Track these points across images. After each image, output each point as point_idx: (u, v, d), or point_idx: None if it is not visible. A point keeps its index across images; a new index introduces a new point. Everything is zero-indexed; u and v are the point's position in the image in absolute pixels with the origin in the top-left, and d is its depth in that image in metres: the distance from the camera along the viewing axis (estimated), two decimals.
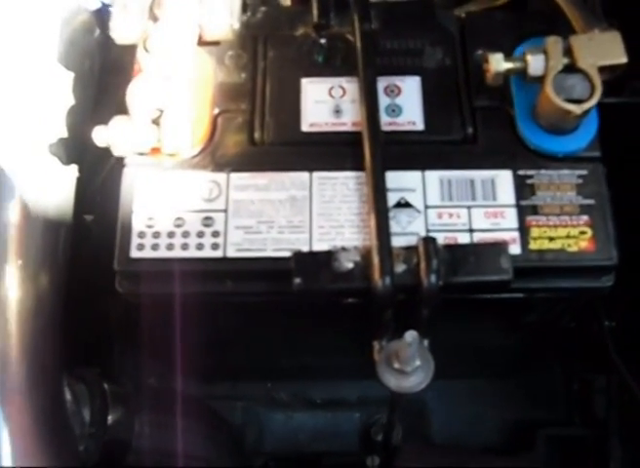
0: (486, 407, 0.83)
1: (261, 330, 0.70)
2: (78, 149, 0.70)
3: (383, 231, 0.59)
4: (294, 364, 0.80)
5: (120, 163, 0.64)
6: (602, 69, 0.62)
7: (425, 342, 0.63)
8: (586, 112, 0.61)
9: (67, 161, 0.70)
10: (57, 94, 0.72)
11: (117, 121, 0.61)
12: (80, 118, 0.73)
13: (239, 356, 0.77)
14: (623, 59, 0.61)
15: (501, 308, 0.67)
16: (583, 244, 0.61)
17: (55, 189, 0.69)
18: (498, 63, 0.62)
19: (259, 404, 0.85)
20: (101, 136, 0.61)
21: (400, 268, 0.59)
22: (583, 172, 0.63)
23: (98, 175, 0.71)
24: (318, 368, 0.81)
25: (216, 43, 0.67)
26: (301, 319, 0.67)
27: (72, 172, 0.71)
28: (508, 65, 0.62)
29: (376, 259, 0.58)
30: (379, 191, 0.61)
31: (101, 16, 0.78)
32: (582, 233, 0.62)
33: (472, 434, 0.82)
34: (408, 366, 0.61)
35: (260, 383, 0.85)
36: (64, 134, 0.70)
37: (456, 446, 0.80)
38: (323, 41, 0.68)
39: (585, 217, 0.62)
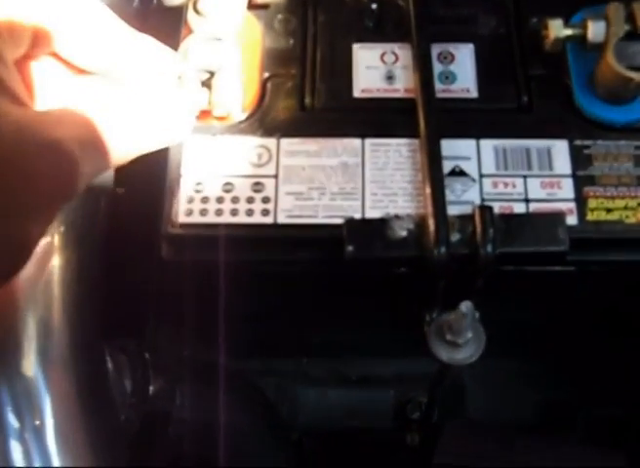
0: (525, 386, 0.81)
1: (303, 303, 0.69)
2: None
3: (439, 199, 0.58)
4: (330, 340, 0.79)
5: None
6: None
7: (477, 314, 0.61)
8: None
9: None
10: None
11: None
12: None
13: (276, 330, 0.76)
14: None
15: (553, 282, 0.65)
16: None
17: None
18: (558, 30, 0.61)
19: (292, 380, 0.84)
20: None
21: (455, 237, 0.58)
22: None
23: None
24: (354, 344, 0.80)
25: (265, 6, 0.65)
26: (347, 290, 0.66)
27: None
28: (568, 31, 0.61)
29: (431, 228, 0.57)
30: (434, 159, 0.59)
31: None
32: None
33: (511, 413, 0.80)
34: (460, 337, 0.59)
35: (295, 359, 0.83)
36: None
37: (497, 425, 0.79)
38: (374, 6, 0.66)
39: None
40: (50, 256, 0.62)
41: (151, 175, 0.63)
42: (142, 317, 0.68)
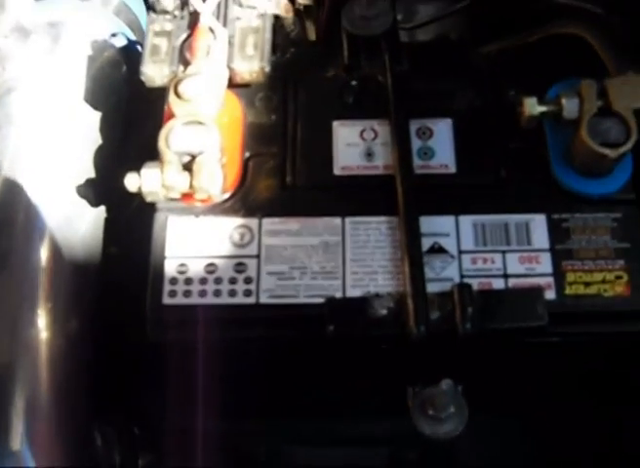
0: (515, 445, 0.81)
1: (290, 371, 0.70)
2: (106, 189, 0.70)
3: (418, 278, 0.59)
4: (321, 401, 0.79)
5: (146, 203, 0.63)
6: (637, 112, 0.61)
7: (460, 388, 0.62)
8: (622, 156, 0.60)
9: (96, 202, 0.70)
10: (84, 133, 0.72)
11: (148, 168, 0.60)
12: (107, 156, 0.72)
13: (265, 394, 0.77)
14: None
15: (535, 351, 0.66)
16: (619, 289, 0.61)
17: (83, 230, 0.69)
18: (532, 107, 0.61)
19: (284, 440, 0.84)
20: (133, 182, 0.61)
21: (435, 315, 0.59)
22: (618, 214, 0.63)
23: (123, 212, 0.71)
24: (346, 405, 0.80)
25: (246, 85, 0.66)
26: (333, 362, 0.67)
27: (100, 212, 0.71)
28: (542, 109, 0.62)
29: (410, 306, 0.58)
30: (412, 237, 0.60)
31: (128, 51, 0.78)
32: (618, 278, 0.61)
33: None
34: (442, 412, 0.60)
35: (286, 420, 0.84)
36: (92, 174, 0.70)
37: None
38: (354, 83, 0.67)
39: (621, 262, 0.61)
40: (37, 334, 0.63)
41: (136, 254, 0.64)
42: (131, 391, 0.68)
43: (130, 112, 0.77)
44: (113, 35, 0.78)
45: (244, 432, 0.78)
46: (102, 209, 0.71)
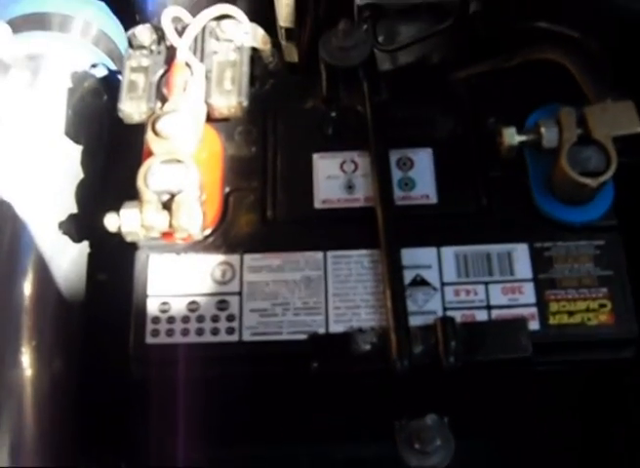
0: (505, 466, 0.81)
1: (275, 404, 0.69)
2: (88, 225, 0.69)
3: (400, 312, 0.59)
4: (312, 427, 0.79)
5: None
6: (617, 139, 0.61)
7: (445, 420, 0.62)
8: (603, 184, 0.60)
9: (78, 238, 0.70)
10: (65, 168, 0.72)
11: (127, 208, 0.60)
12: (89, 191, 0.72)
13: (255, 421, 0.76)
14: (638, 129, 0.61)
15: (522, 379, 0.66)
16: (603, 317, 0.60)
17: (65, 267, 0.69)
18: (511, 137, 0.61)
19: (279, 466, 0.84)
20: (113, 222, 0.60)
21: (418, 349, 0.58)
22: (601, 242, 0.62)
23: (105, 250, 0.70)
24: (338, 430, 0.80)
25: (225, 119, 0.66)
26: (319, 396, 0.66)
27: (83, 248, 0.71)
28: (522, 138, 0.62)
29: (393, 341, 0.58)
30: (393, 270, 0.60)
31: (109, 81, 0.78)
32: (602, 306, 0.61)
33: None
34: (428, 446, 0.60)
35: (279, 445, 0.83)
36: (74, 209, 0.70)
37: None
38: (333, 114, 0.67)
39: (604, 290, 0.61)
40: (21, 374, 0.63)
41: (119, 293, 0.64)
42: (118, 429, 0.68)
43: (113, 142, 0.77)
44: (93, 66, 0.77)
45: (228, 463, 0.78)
46: (85, 244, 0.71)
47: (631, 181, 0.65)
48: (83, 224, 0.70)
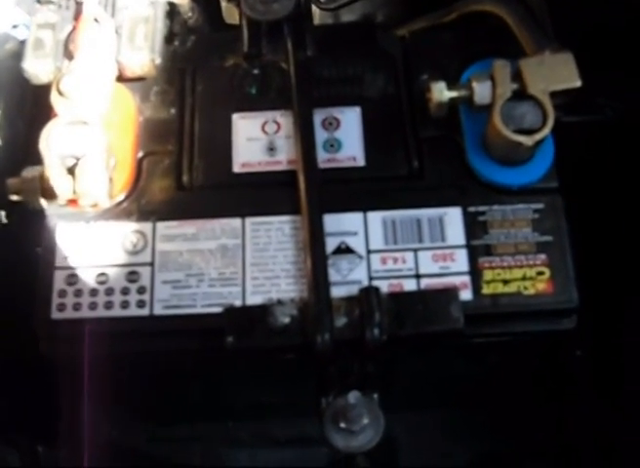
0: (457, 438, 0.78)
1: (204, 378, 0.66)
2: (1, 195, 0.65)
3: (321, 282, 0.55)
4: (249, 403, 0.76)
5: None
6: (554, 94, 0.56)
7: (375, 396, 0.58)
8: (539, 143, 0.56)
9: None
10: None
11: (28, 172, 0.56)
12: (8, 157, 0.68)
13: (189, 399, 0.73)
14: (577, 83, 0.56)
15: (460, 349, 0.62)
16: (541, 286, 0.56)
17: None
18: (440, 93, 0.57)
19: (219, 444, 0.81)
20: (14, 188, 0.57)
21: (341, 322, 0.54)
22: (540, 205, 0.58)
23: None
24: (277, 406, 0.77)
25: (140, 78, 0.62)
26: (241, 371, 0.63)
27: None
28: (452, 94, 0.57)
29: (313, 313, 0.54)
30: (315, 238, 0.56)
31: None
32: (540, 274, 0.57)
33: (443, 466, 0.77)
34: (355, 425, 0.56)
35: (219, 423, 0.80)
36: None
37: None
38: (255, 71, 0.63)
39: (543, 256, 0.57)
40: None
41: (26, 265, 0.60)
42: (34, 410, 0.64)
43: (36, 107, 0.72)
44: (14, 26, 0.73)
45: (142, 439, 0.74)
46: (1, 214, 0.67)
47: (575, 140, 0.61)
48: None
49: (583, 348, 0.71)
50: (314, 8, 0.77)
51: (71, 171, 0.56)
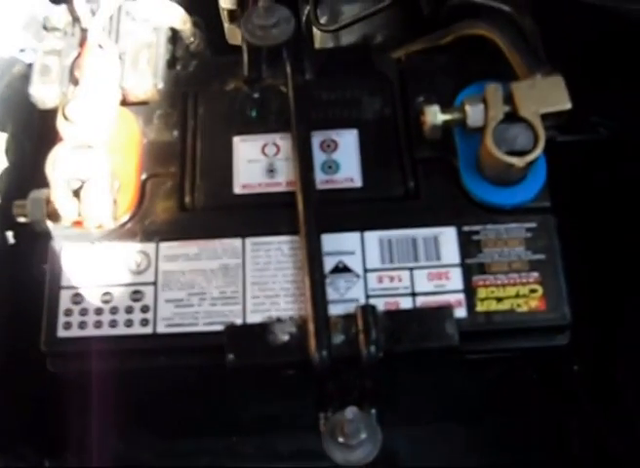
0: (458, 452, 0.79)
1: (209, 393, 0.67)
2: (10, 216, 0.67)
3: (319, 300, 0.56)
4: (253, 418, 0.77)
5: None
6: (546, 116, 0.58)
7: (373, 411, 0.59)
8: (531, 164, 0.57)
9: (2, 229, 0.67)
10: None
11: (34, 195, 0.58)
12: (15, 179, 0.70)
13: (194, 414, 0.74)
14: (567, 106, 0.58)
15: (457, 366, 0.63)
16: (534, 303, 0.58)
17: None
18: (434, 116, 0.59)
19: (224, 458, 0.82)
20: (21, 210, 0.58)
21: (338, 339, 0.56)
22: (532, 224, 0.60)
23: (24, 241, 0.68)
24: (280, 420, 0.78)
25: (143, 102, 0.64)
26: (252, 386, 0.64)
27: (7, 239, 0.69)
28: (446, 117, 0.59)
29: (311, 331, 0.55)
30: (313, 257, 0.58)
31: None
32: (533, 291, 0.58)
33: None
34: (353, 439, 0.58)
35: (224, 438, 0.81)
36: None
37: None
38: (256, 95, 0.65)
39: (535, 274, 0.58)
40: None
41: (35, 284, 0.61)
42: (40, 424, 0.66)
43: (43, 130, 0.74)
44: (22, 50, 0.75)
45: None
46: (9, 235, 0.68)
47: (566, 161, 0.63)
48: (7, 215, 0.67)
49: (581, 363, 0.72)
50: (315, 30, 0.79)
51: (77, 193, 0.58)
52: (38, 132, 0.74)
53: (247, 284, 0.59)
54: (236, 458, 0.82)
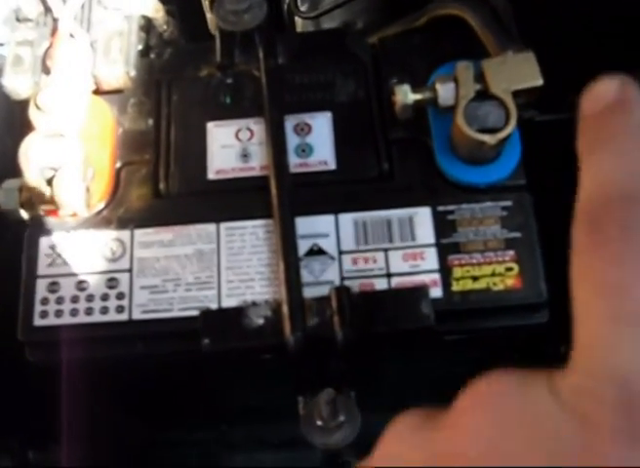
0: None
1: (191, 382, 0.67)
2: None
3: (293, 283, 0.56)
4: (241, 407, 0.77)
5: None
6: (518, 93, 0.58)
7: (352, 394, 0.59)
8: (503, 141, 0.57)
9: None
10: None
11: (7, 184, 0.58)
12: None
13: (180, 403, 0.74)
14: (539, 82, 0.57)
15: (436, 347, 0.63)
16: (510, 281, 0.57)
17: None
18: (404, 96, 0.58)
19: (214, 447, 0.82)
20: None
21: (313, 321, 0.56)
22: (508, 202, 0.59)
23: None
24: (267, 409, 0.78)
25: (118, 91, 0.64)
26: (230, 373, 0.64)
27: None
28: (417, 97, 0.59)
29: (286, 314, 0.55)
30: (287, 240, 0.58)
31: None
32: (509, 270, 0.58)
33: None
34: (331, 422, 0.58)
35: (214, 427, 0.82)
36: None
37: None
38: (229, 81, 0.64)
39: (511, 252, 0.58)
40: None
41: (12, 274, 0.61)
42: (25, 415, 0.66)
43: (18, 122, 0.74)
44: (1, 45, 0.75)
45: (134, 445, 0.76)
46: None
47: (545, 140, 0.62)
48: None
49: (567, 344, 0.72)
50: (297, 18, 0.79)
51: (50, 182, 0.58)
52: (19, 124, 0.74)
53: (222, 268, 0.59)
54: (227, 447, 0.82)
